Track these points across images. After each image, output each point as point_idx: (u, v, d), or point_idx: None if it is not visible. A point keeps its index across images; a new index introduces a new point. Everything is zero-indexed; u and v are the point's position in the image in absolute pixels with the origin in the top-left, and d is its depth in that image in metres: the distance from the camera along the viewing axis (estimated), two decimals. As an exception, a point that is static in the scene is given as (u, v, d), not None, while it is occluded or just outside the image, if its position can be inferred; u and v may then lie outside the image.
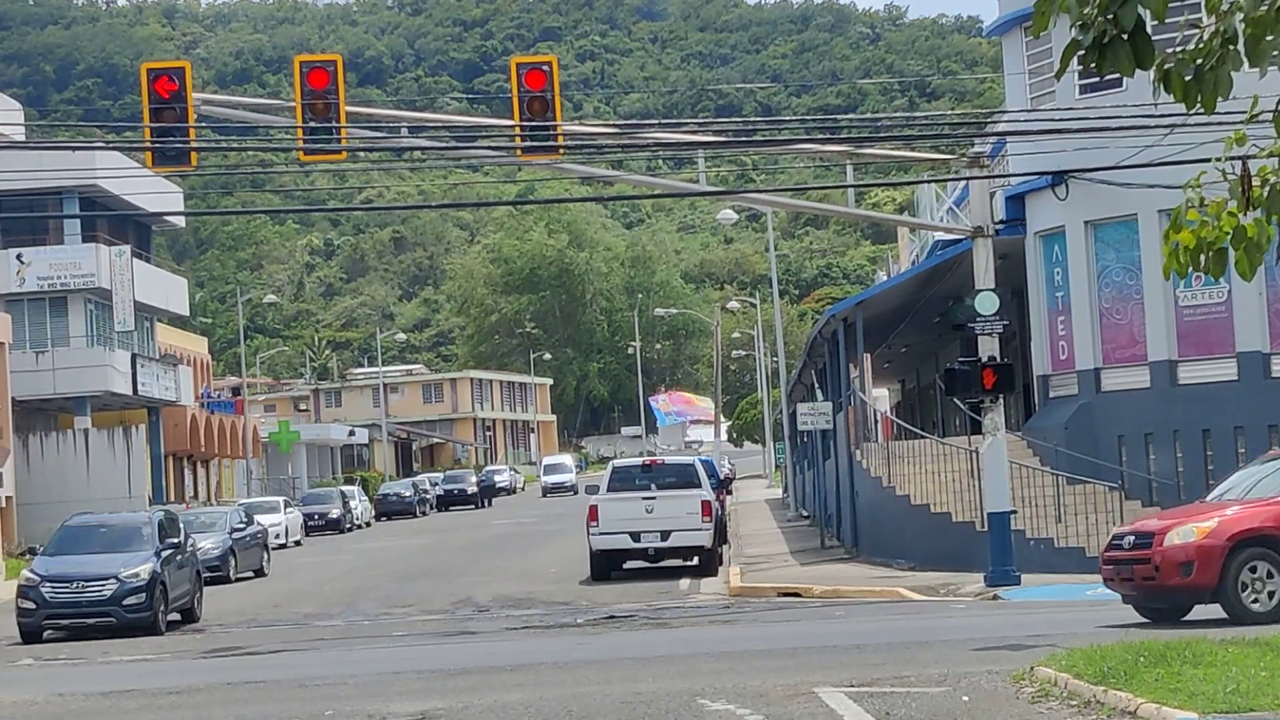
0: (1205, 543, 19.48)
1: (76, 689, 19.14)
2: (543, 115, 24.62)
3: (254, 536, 43.86)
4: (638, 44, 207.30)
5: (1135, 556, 19.96)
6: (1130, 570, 20.05)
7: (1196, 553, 19.42)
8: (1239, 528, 19.67)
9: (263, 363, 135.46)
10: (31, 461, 59.56)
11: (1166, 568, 19.54)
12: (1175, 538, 19.63)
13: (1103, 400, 34.41)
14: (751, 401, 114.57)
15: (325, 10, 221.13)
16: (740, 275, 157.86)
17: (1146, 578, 19.81)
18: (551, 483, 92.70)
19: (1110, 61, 7.32)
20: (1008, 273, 35.05)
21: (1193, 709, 12.18)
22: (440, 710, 15.30)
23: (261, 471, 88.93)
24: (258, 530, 44.62)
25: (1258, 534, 19.66)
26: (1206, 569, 19.39)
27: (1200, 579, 19.42)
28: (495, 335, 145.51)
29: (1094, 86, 32.23)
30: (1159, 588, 19.83)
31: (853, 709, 14.00)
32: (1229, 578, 19.36)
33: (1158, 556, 19.63)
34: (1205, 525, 19.73)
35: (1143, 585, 19.99)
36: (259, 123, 28.04)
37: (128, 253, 63.67)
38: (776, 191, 45.87)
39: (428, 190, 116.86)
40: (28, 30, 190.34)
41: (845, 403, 39.78)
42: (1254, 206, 8.23)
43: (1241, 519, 19.80)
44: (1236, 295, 32.64)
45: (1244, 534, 19.60)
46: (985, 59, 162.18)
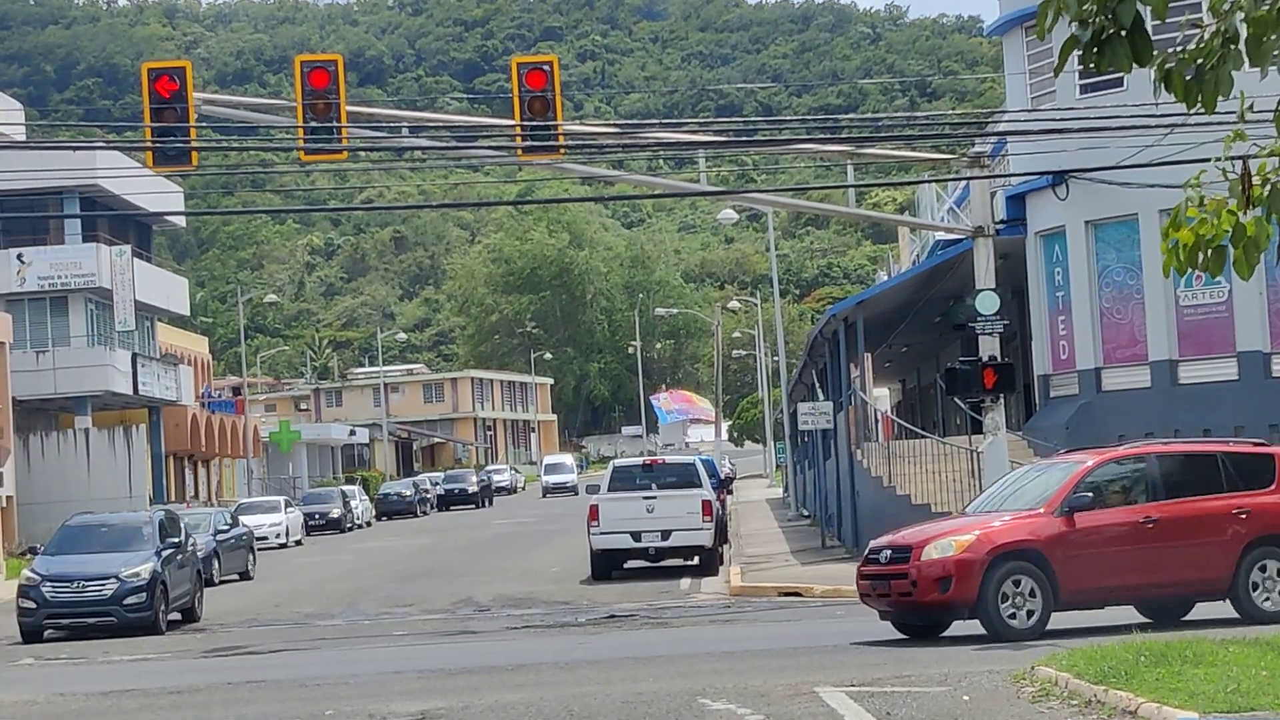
0: (964, 557, 18.74)
1: (77, 689, 19.14)
2: (543, 115, 24.62)
3: (239, 539, 42.54)
4: (638, 44, 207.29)
5: (892, 571, 19.26)
6: (887, 585, 19.38)
7: (955, 567, 18.71)
8: (999, 541, 18.93)
9: (263, 362, 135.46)
10: (32, 461, 59.56)
11: (924, 583, 18.86)
12: (933, 551, 18.91)
13: (1103, 400, 34.40)
14: (752, 401, 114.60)
15: (326, 10, 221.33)
16: (741, 275, 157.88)
17: (904, 593, 19.15)
18: (552, 483, 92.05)
19: (1109, 58, 7.32)
20: (1008, 272, 35.06)
21: (1193, 708, 12.17)
22: (441, 710, 15.30)
23: (262, 471, 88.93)
24: (243, 532, 43.43)
25: (1018, 547, 18.91)
26: (965, 584, 18.65)
27: (959, 594, 18.70)
28: (496, 335, 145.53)
29: (1094, 86, 32.24)
30: (917, 604, 19.20)
31: (853, 709, 14.00)
32: (988, 593, 18.63)
33: (915, 571, 18.93)
34: (964, 539, 18.94)
35: (900, 601, 19.35)
36: (260, 122, 28.04)
37: (128, 252, 63.68)
38: (777, 191, 45.87)
39: (428, 190, 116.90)
40: (28, 30, 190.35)
41: (846, 402, 39.77)
42: (1254, 205, 8.23)
43: (1002, 532, 19.06)
44: (1237, 295, 32.64)
45: (1004, 547, 18.87)
46: (986, 59, 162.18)
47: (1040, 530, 19.05)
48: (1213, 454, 20.35)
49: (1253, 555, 19.49)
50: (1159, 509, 19.47)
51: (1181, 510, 19.53)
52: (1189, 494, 19.75)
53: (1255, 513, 19.64)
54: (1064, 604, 18.98)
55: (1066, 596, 18.94)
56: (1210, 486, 19.84)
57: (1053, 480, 19.78)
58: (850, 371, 40.29)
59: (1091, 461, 19.89)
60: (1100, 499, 19.48)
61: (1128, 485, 19.90)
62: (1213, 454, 20.35)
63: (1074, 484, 19.38)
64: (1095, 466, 19.74)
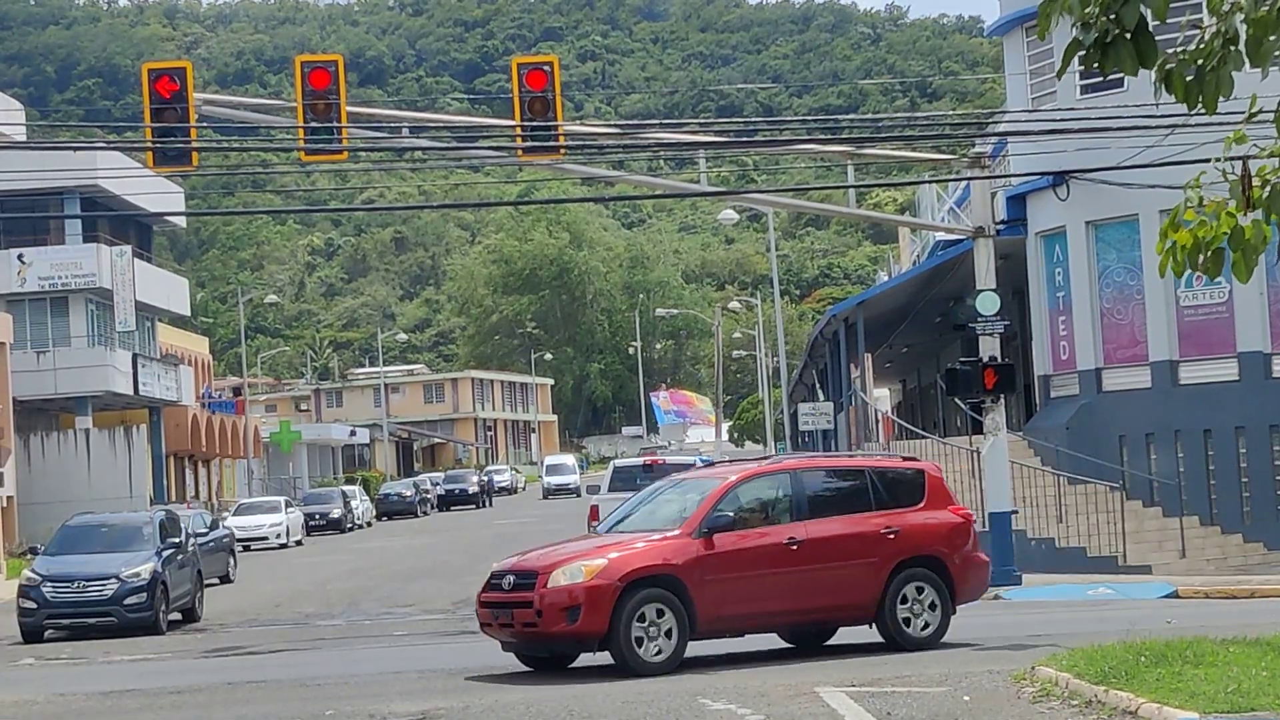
0: (594, 584, 17.15)
1: (77, 689, 19.15)
2: (544, 115, 24.62)
3: (219, 541, 41.35)
4: (639, 44, 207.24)
5: (516, 599, 17.55)
6: (510, 615, 17.63)
7: (584, 595, 17.12)
8: (632, 566, 17.37)
9: (264, 363, 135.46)
10: (33, 461, 59.57)
11: (550, 612, 17.23)
12: (561, 578, 17.33)
13: (1104, 400, 34.41)
14: (753, 401, 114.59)
15: (326, 10, 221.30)
16: (741, 275, 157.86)
17: (528, 623, 17.46)
18: (554, 484, 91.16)
19: (1113, 61, 7.32)
20: (1009, 273, 35.07)
21: (1194, 709, 12.18)
22: (441, 710, 15.30)
23: (263, 471, 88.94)
24: (223, 534, 42.48)
25: (654, 572, 17.42)
26: (595, 614, 17.08)
27: (588, 625, 17.13)
28: (496, 335, 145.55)
29: (1095, 87, 32.25)
30: (543, 635, 17.56)
31: (854, 709, 14.00)
32: (620, 623, 17.10)
33: (540, 599, 17.29)
34: (594, 564, 17.38)
35: (524, 632, 17.65)
36: (260, 123, 28.05)
37: (129, 253, 63.68)
38: (777, 192, 45.86)
39: (429, 190, 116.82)
40: (29, 30, 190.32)
41: (846, 403, 39.79)
42: (1254, 207, 8.23)
43: (635, 556, 17.50)
44: (1237, 295, 32.65)
45: (638, 573, 17.33)
46: (986, 59, 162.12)
47: (677, 553, 17.57)
48: (861, 469, 19.35)
49: (901, 577, 18.50)
50: (804, 528, 18.23)
51: (827, 530, 18.35)
52: (836, 512, 18.61)
53: (904, 532, 18.65)
54: (702, 633, 17.68)
55: (705, 625, 17.60)
56: (858, 504, 18.75)
57: (691, 498, 18.43)
58: (851, 372, 40.31)
59: (733, 477, 18.60)
60: (742, 518, 18.14)
61: (771, 503, 18.59)
62: (861, 469, 19.35)
63: (713, 503, 18.03)
64: (736, 483, 18.43)
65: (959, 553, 18.97)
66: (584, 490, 78.61)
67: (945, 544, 18.90)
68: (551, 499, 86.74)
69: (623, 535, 18.34)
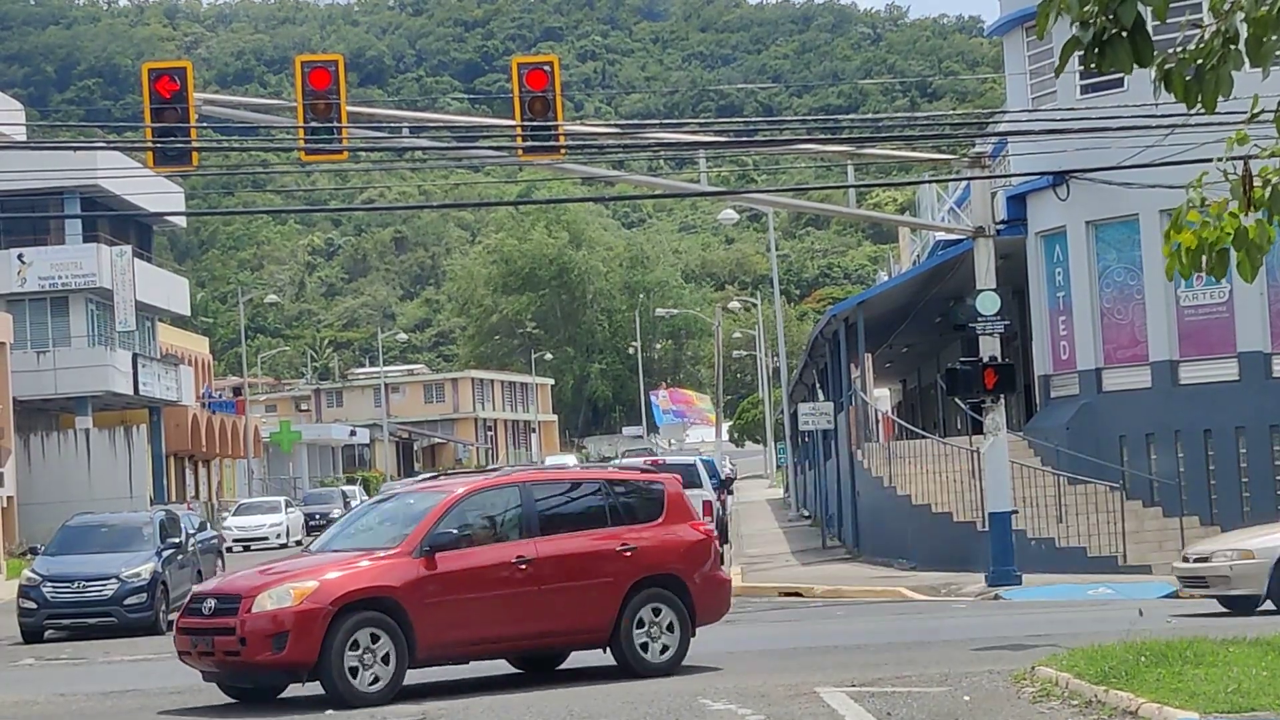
0: (304, 608, 15.83)
1: (78, 689, 19.14)
2: (544, 115, 24.62)
3: (207, 543, 40.71)
4: (639, 44, 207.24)
5: (217, 625, 16.14)
6: (210, 642, 16.18)
7: (293, 621, 15.79)
8: (347, 589, 16.07)
9: (264, 363, 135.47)
10: (33, 461, 59.59)
11: (255, 640, 15.85)
12: (267, 602, 15.94)
13: (1104, 400, 34.41)
14: (753, 401, 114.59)
15: (326, 10, 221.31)
16: (741, 275, 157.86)
17: (231, 652, 16.04)
18: None
19: (1110, 59, 7.32)
20: (1009, 273, 35.06)
21: (1194, 709, 12.18)
22: (442, 710, 15.30)
23: (263, 471, 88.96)
24: (211, 536, 41.13)
25: (370, 595, 16.11)
26: (304, 641, 15.77)
27: (296, 654, 15.81)
28: (496, 335, 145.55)
29: (1095, 86, 32.24)
30: (247, 665, 16.12)
31: (854, 709, 14.00)
32: (332, 651, 15.80)
33: (244, 625, 15.90)
34: (304, 586, 16.03)
35: (226, 661, 16.18)
36: (260, 123, 28.05)
37: (129, 253, 63.71)
38: (778, 191, 45.86)
39: (429, 190, 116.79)
40: (29, 30, 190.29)
41: (846, 403, 39.79)
42: (1256, 207, 8.22)
43: (350, 578, 16.21)
44: (1238, 295, 32.65)
45: (352, 596, 16.04)
46: (986, 59, 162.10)
47: (396, 574, 16.27)
48: (596, 482, 18.09)
49: (638, 598, 17.37)
50: (534, 546, 17.03)
51: (559, 548, 17.15)
52: (569, 529, 17.43)
53: (641, 550, 17.51)
54: (423, 660, 16.41)
55: (426, 652, 16.33)
56: (593, 520, 17.59)
57: (414, 513, 17.15)
58: (851, 372, 40.30)
59: (459, 491, 17.32)
60: (467, 536, 16.86)
61: (499, 519, 17.35)
62: (596, 482, 18.09)
63: (435, 519, 16.73)
64: (461, 498, 17.14)
65: (699, 571, 17.87)
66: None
67: (685, 562, 17.78)
68: None
69: (337, 554, 16.95)
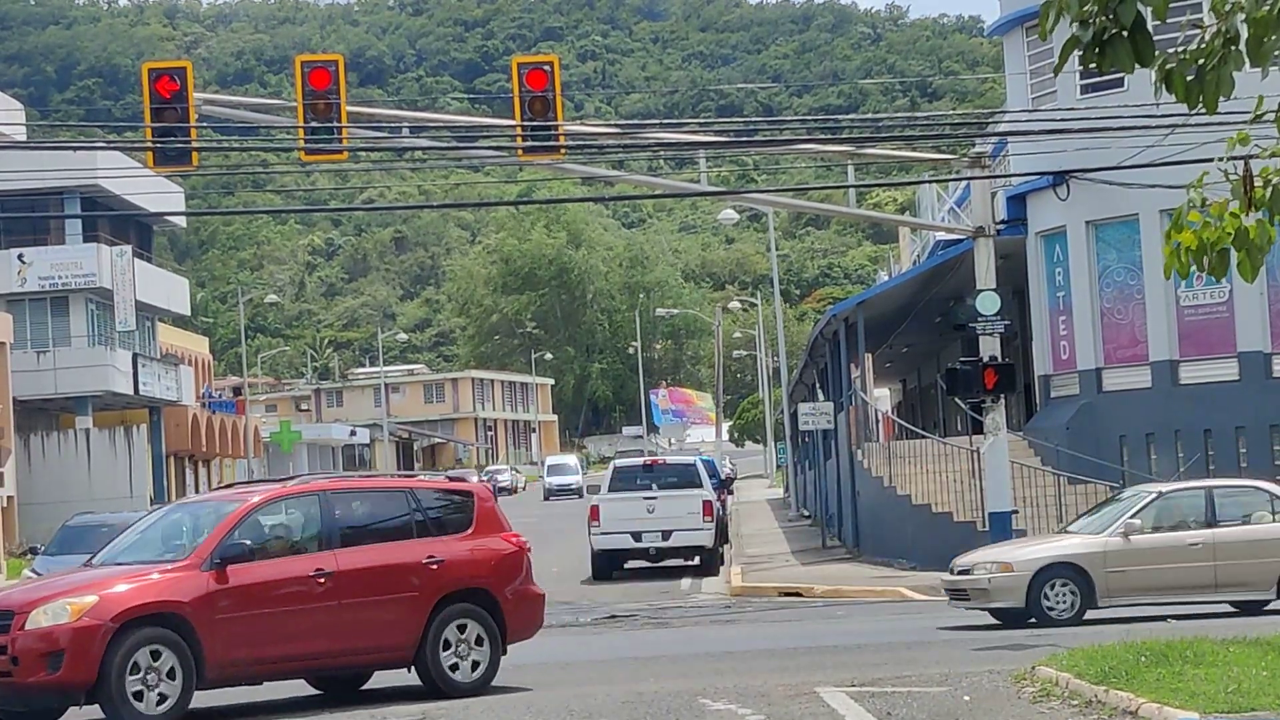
0: (82, 625, 14.76)
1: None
2: (544, 115, 24.62)
3: None
4: (639, 44, 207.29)
5: None
6: None
7: (70, 639, 14.72)
8: (129, 604, 15.03)
9: (264, 363, 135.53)
10: (33, 461, 59.59)
11: (28, 659, 14.76)
12: (42, 618, 14.83)
13: (1104, 400, 34.40)
14: (753, 401, 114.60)
15: (326, 10, 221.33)
16: (741, 275, 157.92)
17: (2, 673, 14.88)
18: (556, 485, 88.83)
19: (1110, 59, 7.32)
20: (1009, 273, 35.06)
21: (1194, 709, 12.18)
22: (442, 710, 15.29)
23: (263, 471, 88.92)
24: None
25: (155, 610, 15.12)
26: (82, 661, 14.68)
27: (73, 674, 14.71)
28: (496, 335, 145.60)
29: (1095, 86, 32.24)
30: (18, 687, 14.92)
31: (854, 709, 14.00)
32: (112, 671, 14.72)
33: (15, 644, 14.79)
34: (83, 601, 14.92)
35: None
36: (260, 123, 28.05)
37: (129, 253, 63.71)
38: (778, 191, 45.85)
39: (429, 190, 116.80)
40: (29, 30, 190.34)
41: (846, 402, 39.79)
42: (1256, 207, 8.22)
43: (133, 593, 15.16)
44: (1238, 295, 32.65)
45: (135, 611, 15.01)
46: (986, 59, 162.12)
47: (183, 588, 15.30)
48: (402, 491, 17.16)
49: (445, 614, 16.45)
50: (334, 559, 16.11)
51: (361, 560, 16.23)
52: (373, 540, 16.51)
53: (449, 563, 16.59)
54: (212, 680, 15.46)
55: (215, 671, 15.37)
56: (398, 531, 16.70)
57: (204, 523, 16.20)
58: (851, 372, 40.31)
59: (255, 499, 16.39)
60: (262, 547, 15.98)
61: (297, 530, 16.40)
62: (402, 491, 17.16)
63: (227, 529, 15.80)
64: (256, 507, 16.22)
65: (511, 586, 17.00)
66: (585, 491, 78.51)
67: (495, 576, 16.91)
68: (553, 500, 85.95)
69: (121, 568, 15.90)
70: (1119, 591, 21.27)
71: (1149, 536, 21.47)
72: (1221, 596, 21.77)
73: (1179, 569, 21.35)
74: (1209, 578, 21.43)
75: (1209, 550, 21.41)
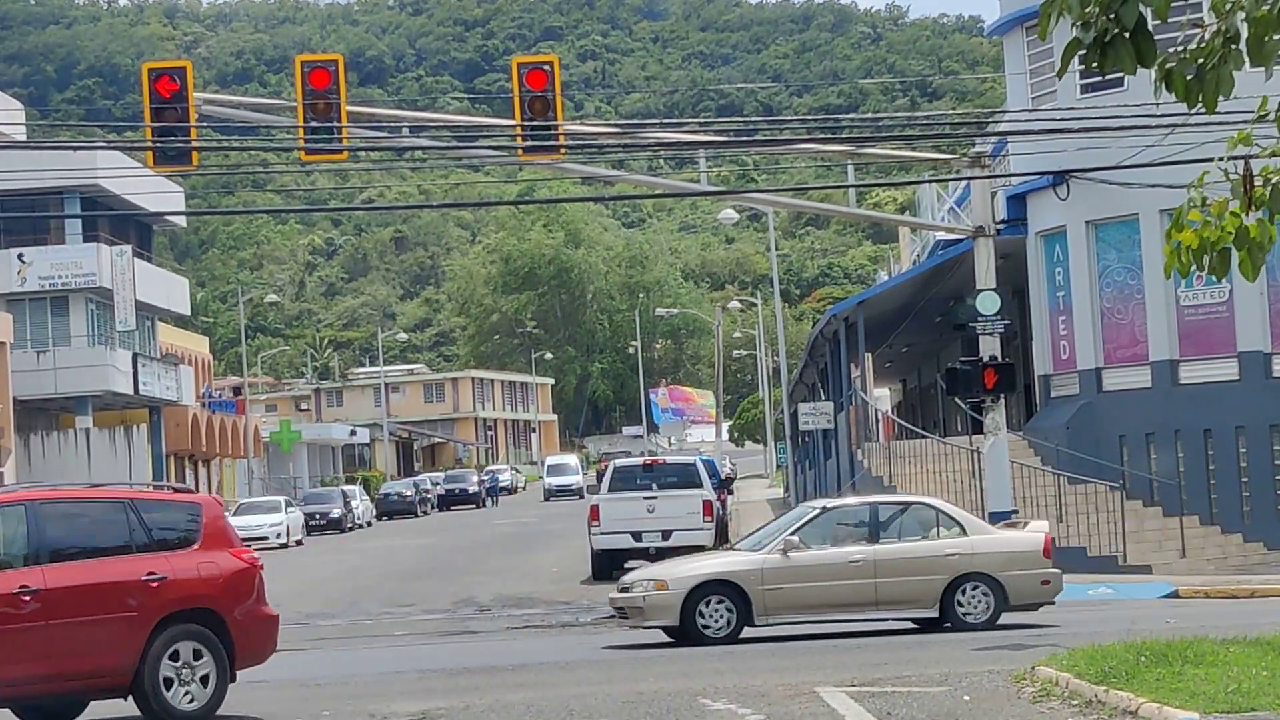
0: None
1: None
2: (544, 115, 24.62)
3: None
4: (639, 44, 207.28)
5: None
6: None
7: None
8: None
9: (264, 362, 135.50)
10: (33, 461, 59.59)
11: None
12: None
13: (1104, 400, 34.40)
14: (753, 401, 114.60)
15: (326, 10, 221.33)
16: (741, 275, 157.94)
17: None
18: (555, 485, 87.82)
19: (1112, 60, 7.31)
20: (1009, 272, 35.07)
21: (1194, 709, 12.17)
22: (441, 710, 15.29)
23: (263, 471, 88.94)
24: None
25: None
26: None
27: None
28: (496, 335, 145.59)
29: (1095, 86, 32.23)
30: None
31: (854, 709, 13.99)
32: None
33: None
34: None
35: None
36: (260, 122, 28.05)
37: (129, 252, 63.72)
38: (778, 191, 45.86)
39: (429, 190, 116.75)
40: (29, 30, 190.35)
41: (846, 402, 39.79)
42: (1256, 206, 8.22)
43: None
44: (1238, 295, 32.65)
45: None
46: (987, 59, 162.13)
47: None
48: (121, 502, 15.68)
49: (166, 635, 15.07)
50: (42, 575, 14.63)
51: (73, 577, 14.77)
52: (87, 555, 15.05)
53: (172, 580, 15.19)
54: None
55: None
56: (116, 546, 15.23)
57: None
58: (851, 371, 40.31)
59: None
60: None
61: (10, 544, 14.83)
62: (121, 502, 15.68)
63: None
64: None
65: (241, 606, 15.63)
66: (586, 491, 78.37)
67: (223, 595, 15.52)
68: (553, 500, 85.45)
69: None
70: (777, 609, 20.84)
71: (809, 553, 20.97)
72: (884, 614, 21.22)
73: (839, 586, 20.87)
74: (870, 595, 20.92)
75: (870, 567, 20.91)
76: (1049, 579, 21.39)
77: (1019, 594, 21.12)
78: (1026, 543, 21.56)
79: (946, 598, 20.95)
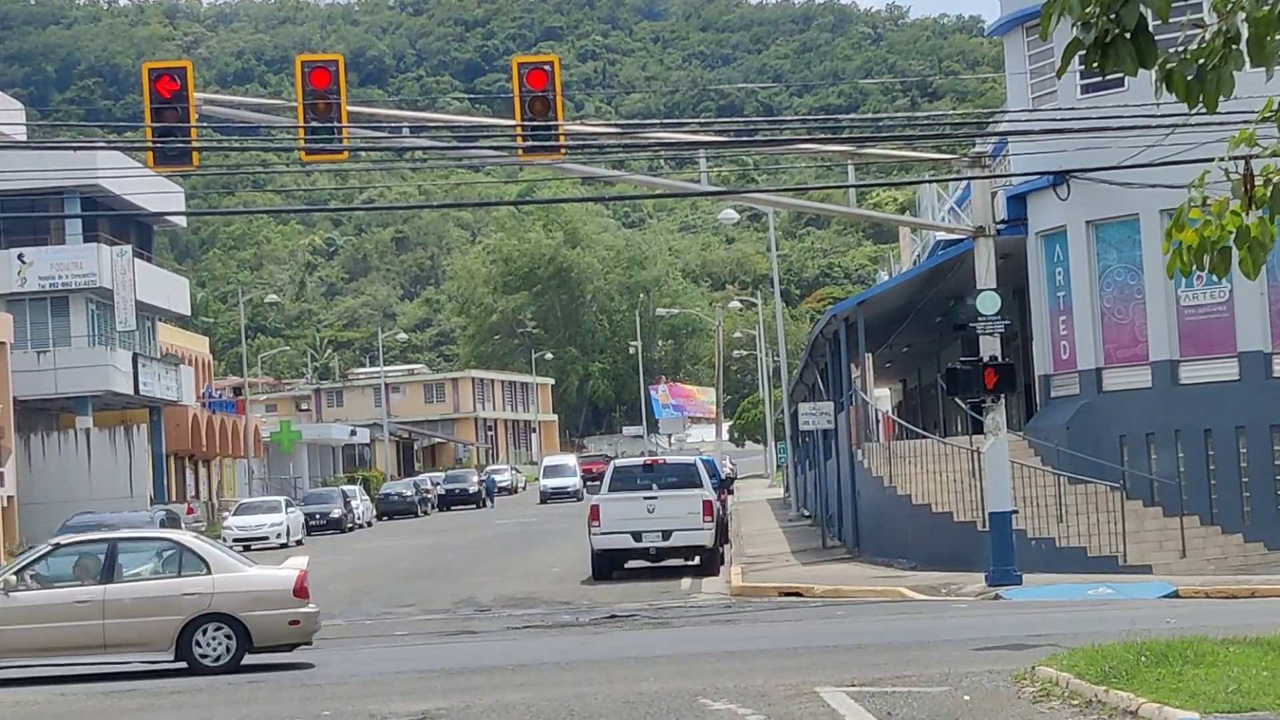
0: None
1: (78, 688, 19.13)
2: (544, 115, 24.62)
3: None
4: (639, 44, 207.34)
5: None
6: None
7: None
8: None
9: (264, 362, 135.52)
10: (33, 461, 59.61)
11: None
12: None
13: (1104, 400, 34.40)
14: (753, 401, 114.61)
15: (327, 10, 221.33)
16: (742, 275, 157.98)
17: None
18: (551, 487, 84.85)
19: (1113, 60, 7.31)
20: (1009, 273, 35.06)
21: (1194, 709, 12.17)
22: (442, 710, 15.30)
23: (263, 471, 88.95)
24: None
25: None
26: None
27: None
28: (496, 335, 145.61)
29: (1095, 86, 32.23)
30: None
31: (854, 709, 14.00)
32: None
33: None
34: None
35: None
36: (260, 122, 28.04)
37: (129, 252, 63.71)
38: (778, 191, 45.85)
39: (429, 190, 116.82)
40: (29, 30, 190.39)
41: (847, 402, 39.78)
42: (1257, 206, 8.22)
43: None
44: (1238, 295, 32.64)
45: None
46: (987, 59, 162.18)
47: None
48: None
49: None
50: None
51: None
52: None
53: None
54: None
55: None
56: None
57: None
58: (851, 371, 40.31)
59: None
60: None
61: None
62: None
63: None
64: None
65: None
66: (585, 493, 78.29)
67: None
68: (549, 504, 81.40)
69: None
70: None
71: (33, 593, 19.97)
72: (114, 657, 20.15)
73: (64, 628, 19.81)
74: (98, 637, 19.86)
75: (99, 608, 19.83)
76: (299, 619, 20.29)
77: (264, 635, 20.12)
78: (275, 581, 20.48)
79: (185, 639, 19.93)
